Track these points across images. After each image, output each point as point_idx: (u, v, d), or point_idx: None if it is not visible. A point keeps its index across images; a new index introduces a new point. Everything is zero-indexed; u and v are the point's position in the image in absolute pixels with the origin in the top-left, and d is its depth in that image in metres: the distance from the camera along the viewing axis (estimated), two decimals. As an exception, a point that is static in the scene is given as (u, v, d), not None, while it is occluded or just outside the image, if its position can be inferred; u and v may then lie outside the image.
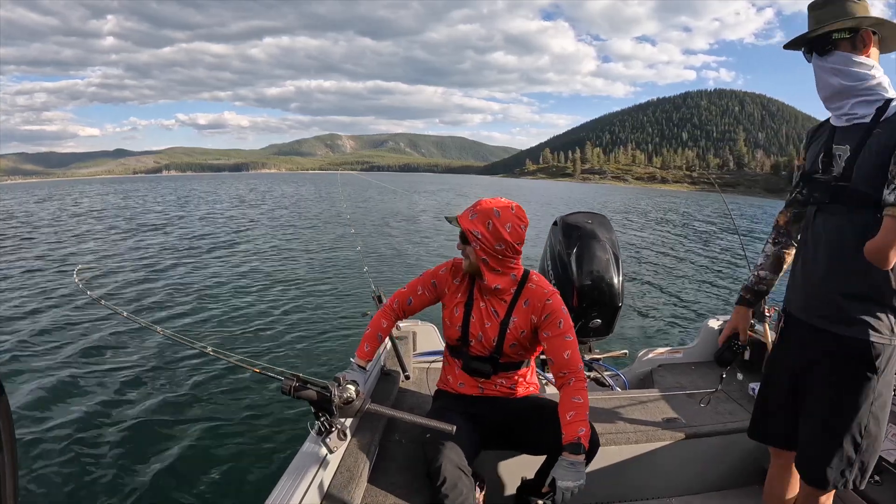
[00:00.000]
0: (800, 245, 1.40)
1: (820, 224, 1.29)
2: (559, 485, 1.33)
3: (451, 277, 1.72)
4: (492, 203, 1.58)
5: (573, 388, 1.50)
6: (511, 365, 1.69)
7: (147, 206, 27.36)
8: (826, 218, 1.27)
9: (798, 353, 1.35)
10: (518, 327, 1.61)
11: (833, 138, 1.28)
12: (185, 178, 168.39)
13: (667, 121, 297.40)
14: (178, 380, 4.36)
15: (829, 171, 1.27)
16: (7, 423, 0.48)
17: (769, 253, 1.57)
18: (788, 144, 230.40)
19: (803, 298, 1.34)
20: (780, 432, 1.45)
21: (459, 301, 1.68)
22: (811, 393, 1.31)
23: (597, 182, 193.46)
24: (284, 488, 1.24)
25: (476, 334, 1.65)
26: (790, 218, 1.52)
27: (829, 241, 1.25)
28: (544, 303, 1.58)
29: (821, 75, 1.26)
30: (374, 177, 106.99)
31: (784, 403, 1.41)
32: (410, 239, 14.35)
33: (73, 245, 12.72)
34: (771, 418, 1.46)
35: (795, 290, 1.38)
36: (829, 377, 1.27)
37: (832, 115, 1.32)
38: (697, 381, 2.49)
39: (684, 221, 25.00)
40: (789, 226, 1.52)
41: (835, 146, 1.27)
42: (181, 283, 8.18)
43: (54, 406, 3.88)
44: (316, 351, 5.21)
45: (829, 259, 1.25)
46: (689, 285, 9.48)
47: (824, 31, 1.22)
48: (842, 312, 1.23)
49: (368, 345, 1.70)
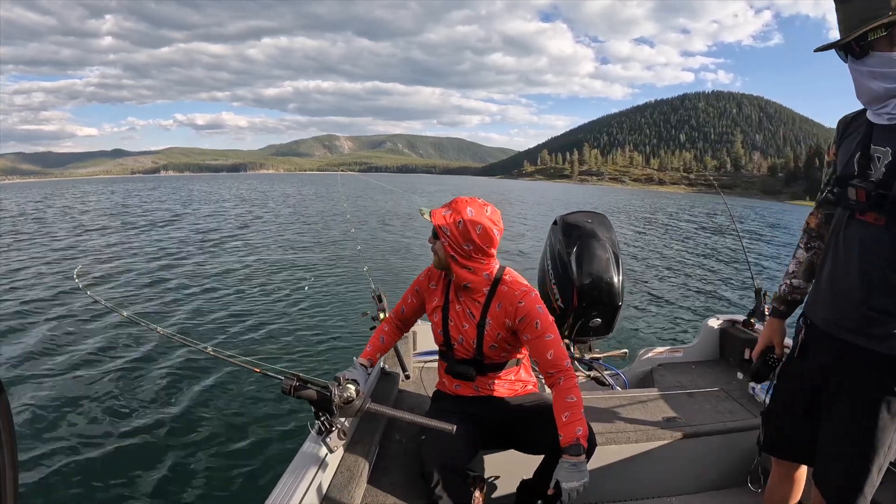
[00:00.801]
0: (827, 250, 1.27)
1: (854, 232, 1.17)
2: (564, 487, 1.32)
3: (428, 282, 1.73)
4: (467, 203, 1.56)
5: (565, 388, 1.48)
6: (496, 366, 1.67)
7: (147, 206, 27.30)
8: (862, 226, 1.15)
9: (821, 366, 1.27)
10: (494, 329, 1.59)
11: (871, 137, 1.15)
12: (184, 179, 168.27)
13: (664, 122, 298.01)
14: (178, 380, 4.35)
15: (865, 175, 1.15)
16: (7, 423, 0.47)
17: (801, 259, 1.44)
18: (786, 146, 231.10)
19: (831, 310, 1.23)
20: (794, 447, 1.39)
21: (437, 305, 1.68)
22: (835, 409, 1.23)
23: (594, 183, 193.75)
24: (285, 488, 1.24)
25: (457, 337, 1.65)
26: (822, 220, 1.40)
27: (864, 252, 1.14)
28: (516, 305, 1.54)
29: (859, 80, 1.13)
30: (372, 178, 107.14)
31: (800, 417, 1.34)
32: (410, 238, 14.35)
33: (73, 245, 12.68)
34: (786, 433, 1.39)
35: (821, 299, 1.27)
36: (857, 394, 1.19)
37: (871, 110, 1.18)
38: (697, 381, 2.49)
39: (683, 222, 25.06)
40: (821, 228, 1.40)
41: (873, 146, 1.14)
42: (181, 283, 8.17)
43: (54, 406, 3.87)
44: (316, 350, 5.20)
45: (865, 271, 1.14)
46: (689, 285, 9.50)
47: (858, 33, 1.07)
48: (876, 327, 1.13)
49: (370, 346, 1.75)
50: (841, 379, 1.22)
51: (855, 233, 1.17)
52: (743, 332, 2.67)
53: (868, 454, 1.17)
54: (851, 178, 1.17)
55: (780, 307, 1.49)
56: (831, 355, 1.23)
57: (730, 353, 2.71)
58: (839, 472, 1.22)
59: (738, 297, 8.61)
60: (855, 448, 1.19)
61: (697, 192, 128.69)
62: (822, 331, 1.26)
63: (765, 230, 23.01)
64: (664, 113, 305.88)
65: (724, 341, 2.77)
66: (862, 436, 1.17)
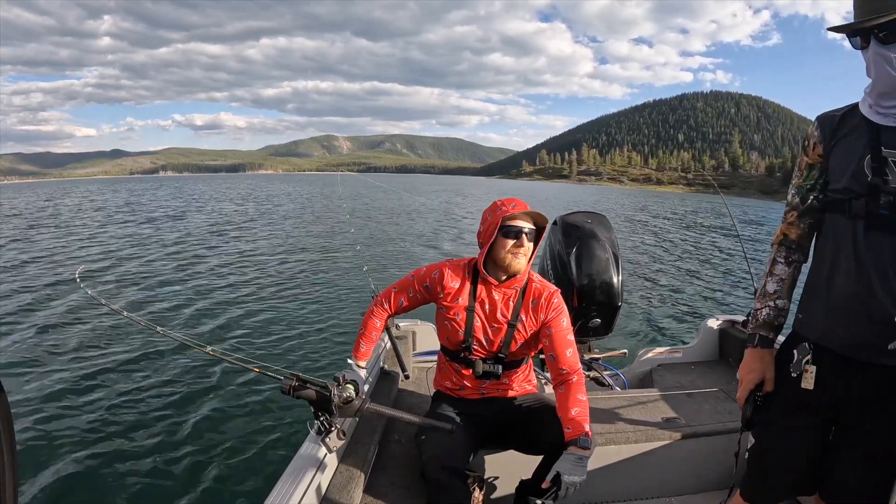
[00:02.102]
0: (833, 265, 1.13)
1: (876, 244, 1.05)
2: (565, 479, 1.32)
3: (449, 281, 1.65)
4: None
5: (577, 385, 1.50)
6: (514, 363, 1.69)
7: (147, 206, 27.27)
8: (882, 238, 1.04)
9: (840, 395, 1.12)
10: (527, 327, 1.61)
11: (879, 139, 1.06)
12: (183, 179, 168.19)
13: (663, 122, 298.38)
14: (178, 380, 4.34)
15: (886, 182, 1.04)
16: (7, 423, 0.47)
17: (783, 276, 1.28)
18: (784, 146, 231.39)
19: (853, 333, 1.08)
20: (790, 487, 1.24)
21: (461, 305, 1.63)
22: (864, 438, 1.10)
23: (593, 183, 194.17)
24: (284, 488, 1.24)
25: (480, 338, 1.63)
26: (805, 230, 1.26)
27: (894, 268, 1.02)
28: (551, 301, 1.61)
29: (883, 67, 1.02)
30: (372, 178, 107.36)
31: (807, 460, 1.18)
32: (410, 238, 14.35)
33: (73, 244, 12.66)
34: (783, 474, 1.22)
35: (834, 320, 1.12)
36: (891, 418, 1.07)
37: (874, 109, 1.08)
38: (697, 381, 2.49)
39: (681, 222, 25.09)
40: (803, 240, 1.27)
41: (885, 150, 1.05)
42: (181, 283, 8.16)
43: (54, 406, 3.86)
44: (316, 350, 5.19)
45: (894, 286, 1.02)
46: (688, 285, 9.51)
47: (894, 16, 0.97)
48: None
49: (364, 345, 1.71)
50: (869, 405, 1.09)
51: (878, 245, 1.04)
52: (742, 333, 2.67)
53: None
54: (871, 186, 1.06)
55: (769, 335, 1.27)
56: (857, 381, 1.09)
57: (729, 353, 2.71)
58: (868, 491, 1.10)
59: (737, 297, 8.62)
60: (880, 465, 1.08)
61: (695, 192, 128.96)
62: (839, 355, 1.11)
63: (763, 230, 23.04)
64: (662, 113, 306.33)
65: (723, 342, 2.78)
66: (890, 450, 1.07)
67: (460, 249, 12.60)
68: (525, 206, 1.59)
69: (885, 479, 1.06)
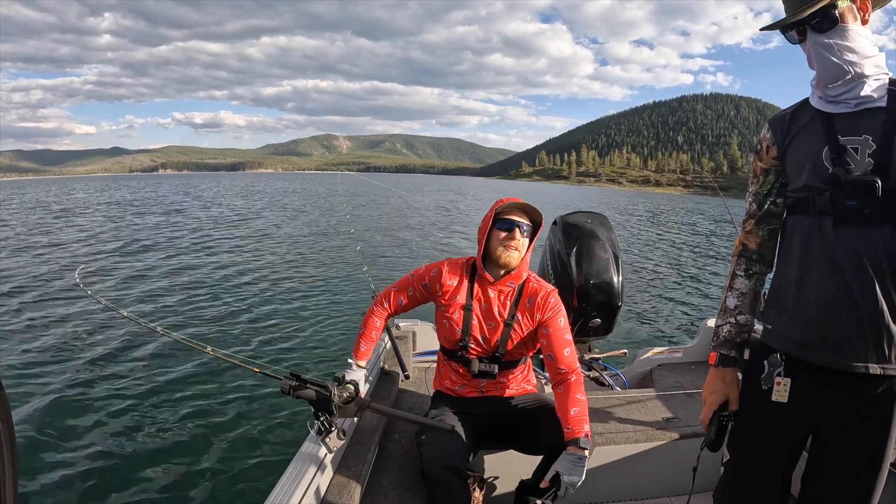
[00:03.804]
0: (801, 268, 1.07)
1: (845, 239, 0.99)
2: (564, 479, 1.32)
3: (447, 279, 1.65)
4: None
5: (576, 385, 1.50)
6: (512, 363, 1.69)
7: (147, 205, 27.19)
8: (853, 231, 0.99)
9: (816, 407, 1.08)
10: (522, 326, 1.61)
11: (834, 128, 1.02)
12: (183, 177, 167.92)
13: (662, 124, 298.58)
14: (178, 380, 4.33)
15: (848, 171, 1.00)
16: (7, 423, 0.47)
17: (744, 290, 1.21)
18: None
19: (827, 337, 1.03)
20: (764, 501, 1.19)
21: (458, 304, 1.64)
22: (843, 452, 1.07)
23: (591, 185, 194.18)
24: (284, 488, 1.23)
25: (477, 336, 1.63)
26: (764, 238, 1.19)
27: (870, 261, 0.97)
28: (547, 300, 1.60)
29: (824, 56, 1.00)
30: (371, 178, 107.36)
31: (780, 474, 1.15)
32: (410, 238, 14.34)
33: (74, 244, 12.62)
34: (758, 495, 1.17)
35: (806, 326, 1.06)
36: (876, 427, 1.03)
37: (825, 100, 1.05)
38: (697, 381, 2.49)
39: (680, 222, 25.11)
40: (763, 248, 1.20)
41: (842, 138, 1.00)
42: (181, 283, 8.14)
43: (54, 406, 3.85)
44: (316, 351, 5.19)
45: (874, 283, 0.97)
46: (688, 285, 9.52)
47: (826, 2, 0.96)
48: (892, 348, 0.98)
49: (364, 345, 1.70)
50: (848, 413, 1.05)
51: (848, 240, 0.99)
52: None
53: (879, 476, 1.06)
54: (833, 178, 1.01)
55: (732, 353, 1.21)
56: (833, 391, 1.05)
57: None
58: (851, 499, 1.08)
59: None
60: (866, 475, 1.06)
61: (693, 194, 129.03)
62: (813, 364, 1.06)
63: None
64: (662, 115, 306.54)
65: None
66: (874, 459, 1.05)
67: (460, 249, 12.61)
68: (520, 201, 1.61)
69: (866, 491, 1.05)
